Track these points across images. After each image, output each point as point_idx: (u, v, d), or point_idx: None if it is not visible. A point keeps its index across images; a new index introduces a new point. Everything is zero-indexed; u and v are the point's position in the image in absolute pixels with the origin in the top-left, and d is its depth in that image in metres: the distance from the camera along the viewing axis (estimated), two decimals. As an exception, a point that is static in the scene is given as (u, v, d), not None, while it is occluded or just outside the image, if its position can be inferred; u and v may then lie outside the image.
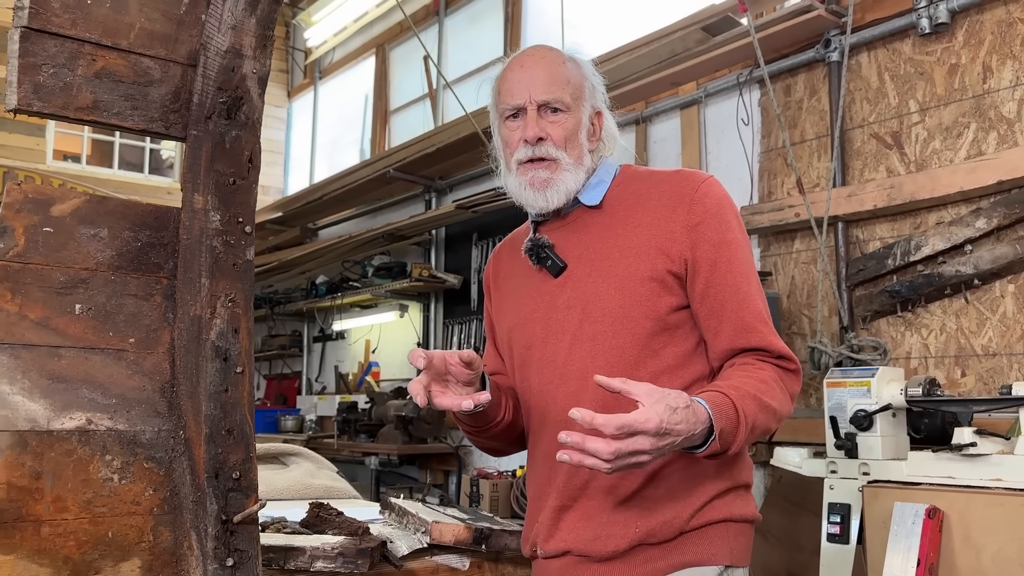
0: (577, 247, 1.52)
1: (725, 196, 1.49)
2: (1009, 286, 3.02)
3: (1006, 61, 3.09)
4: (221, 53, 1.32)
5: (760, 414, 1.32)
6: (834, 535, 2.64)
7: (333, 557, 1.39)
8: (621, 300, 1.43)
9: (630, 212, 1.50)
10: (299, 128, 8.64)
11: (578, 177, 1.51)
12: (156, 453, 1.24)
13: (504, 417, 1.55)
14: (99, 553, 1.18)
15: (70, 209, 1.25)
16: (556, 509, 1.46)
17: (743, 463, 1.50)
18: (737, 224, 1.48)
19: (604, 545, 1.40)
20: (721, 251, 1.43)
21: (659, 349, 1.43)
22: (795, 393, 1.45)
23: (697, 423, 1.23)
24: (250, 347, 1.30)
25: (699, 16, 3.79)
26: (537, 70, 1.51)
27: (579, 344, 1.45)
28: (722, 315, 1.42)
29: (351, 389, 6.71)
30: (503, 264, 1.70)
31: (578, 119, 1.52)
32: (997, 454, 2.33)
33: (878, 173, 3.44)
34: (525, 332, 1.55)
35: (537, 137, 1.48)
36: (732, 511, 1.44)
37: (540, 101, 1.49)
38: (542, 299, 1.53)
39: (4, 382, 1.17)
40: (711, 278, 1.42)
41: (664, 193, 1.48)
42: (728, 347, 1.43)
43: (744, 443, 1.32)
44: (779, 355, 1.43)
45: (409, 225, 5.70)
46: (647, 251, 1.44)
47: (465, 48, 6.23)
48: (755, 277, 1.47)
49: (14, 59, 1.22)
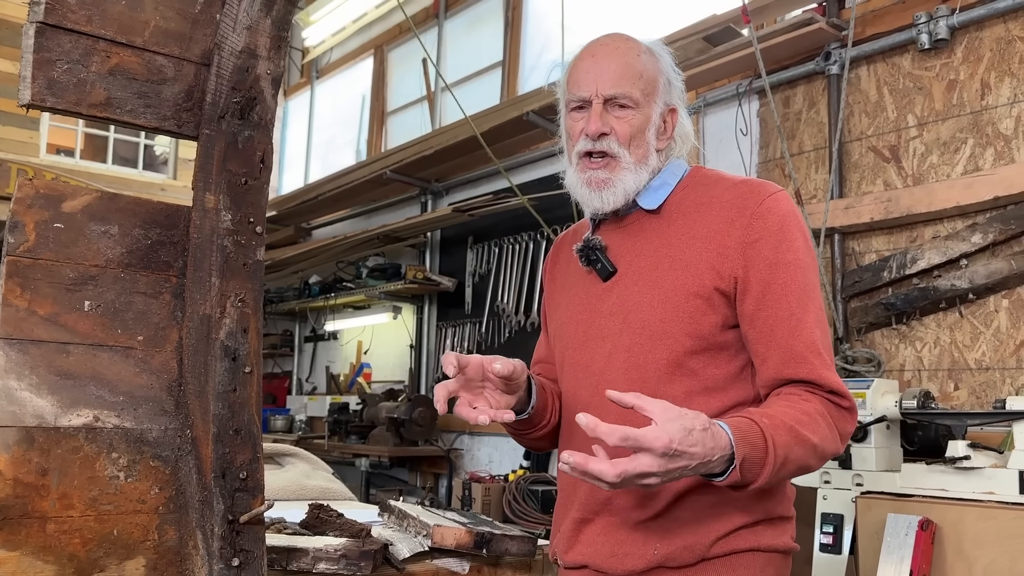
0: (630, 252, 1.44)
1: (791, 213, 1.38)
2: (1003, 301, 3.05)
3: (1004, 78, 3.12)
4: (236, 53, 1.32)
5: (796, 447, 1.21)
6: (827, 545, 2.65)
7: (336, 559, 1.39)
8: (662, 314, 1.35)
9: (688, 221, 1.41)
10: (294, 127, 8.62)
11: (639, 177, 1.42)
12: (162, 451, 1.24)
13: (550, 420, 1.49)
14: (104, 551, 1.18)
15: (81, 206, 1.25)
16: (577, 521, 1.42)
17: (782, 495, 1.40)
18: (803, 245, 1.36)
19: (620, 563, 1.35)
20: (777, 272, 1.32)
21: (698, 369, 1.35)
22: (846, 433, 1.31)
23: (716, 448, 1.13)
24: (259, 347, 1.30)
25: (700, 26, 3.81)
26: (608, 61, 1.42)
27: (616, 354, 1.39)
28: (771, 341, 1.31)
29: (342, 390, 6.70)
30: (561, 257, 1.62)
31: (647, 116, 1.43)
32: (990, 467, 2.35)
33: (875, 186, 3.47)
34: (569, 333, 1.49)
35: (599, 132, 1.40)
36: (761, 540, 1.35)
37: (607, 95, 1.41)
38: (589, 302, 1.47)
39: (12, 378, 1.16)
40: (762, 300, 1.32)
41: (726, 204, 1.38)
42: (774, 376, 1.32)
43: (775, 477, 1.20)
44: (831, 390, 1.30)
45: (404, 227, 5.70)
46: (697, 265, 1.35)
47: (464, 51, 6.24)
48: (815, 304, 1.34)
49: (28, 54, 1.21)
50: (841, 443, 1.30)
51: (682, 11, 4.33)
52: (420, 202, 6.09)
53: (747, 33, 3.59)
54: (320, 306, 6.71)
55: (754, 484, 1.19)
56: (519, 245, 5.21)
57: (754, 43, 3.32)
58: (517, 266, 5.20)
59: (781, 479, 1.25)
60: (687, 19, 4.02)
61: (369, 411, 5.62)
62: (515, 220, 5.11)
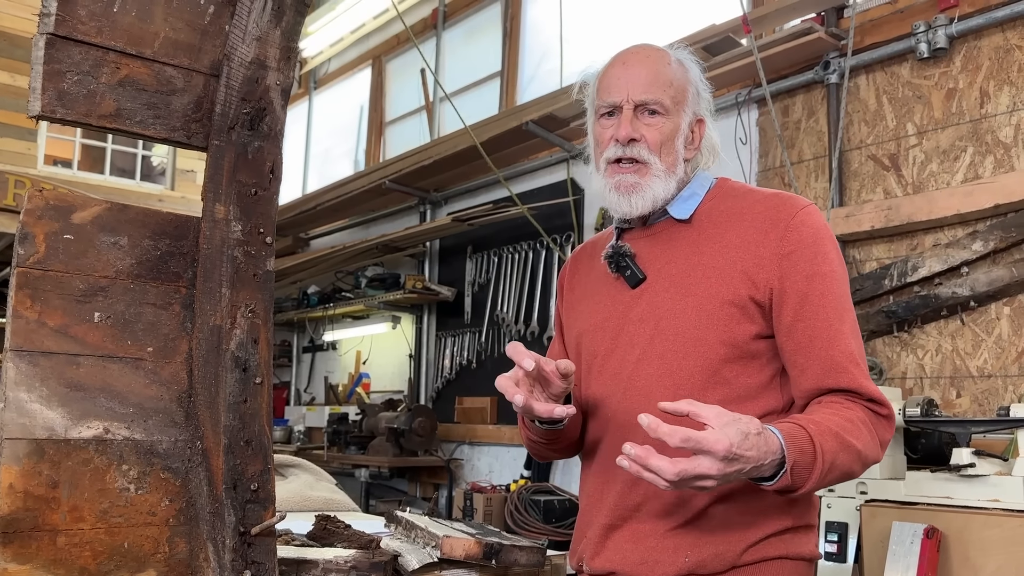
0: (659, 260, 1.44)
1: (824, 226, 1.39)
2: (1005, 308, 3.06)
3: (1003, 87, 3.14)
4: (245, 64, 1.32)
5: (841, 453, 1.22)
6: (831, 554, 2.65)
7: (347, 571, 1.38)
8: (697, 321, 1.35)
9: (720, 231, 1.41)
10: (292, 138, 8.63)
11: (668, 185, 1.42)
12: (173, 463, 1.23)
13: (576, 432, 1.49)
14: (115, 564, 1.17)
15: (91, 217, 1.25)
16: (605, 527, 1.40)
17: (808, 503, 1.41)
18: (836, 257, 1.38)
19: (651, 571, 1.34)
20: (814, 283, 1.33)
21: (731, 377, 1.35)
22: (886, 441, 1.33)
23: (768, 452, 1.15)
24: (269, 358, 1.29)
25: (700, 35, 3.83)
26: (639, 68, 1.43)
27: (647, 361, 1.38)
28: (810, 352, 1.32)
29: (340, 400, 6.68)
30: (581, 267, 1.62)
31: (676, 124, 1.43)
32: (995, 475, 2.35)
33: (875, 194, 3.48)
34: (594, 340, 1.48)
35: (629, 138, 1.40)
36: (789, 548, 1.35)
37: (638, 101, 1.41)
38: (616, 309, 1.46)
39: (22, 390, 1.16)
40: (800, 311, 1.33)
41: (758, 215, 1.39)
42: (815, 386, 1.32)
43: (821, 482, 1.22)
44: (870, 398, 1.31)
45: (403, 237, 5.70)
46: (731, 274, 1.36)
47: (463, 61, 6.26)
48: (850, 315, 1.36)
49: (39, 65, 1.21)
50: (881, 451, 1.31)
51: (682, 21, 4.35)
52: (419, 212, 6.09)
53: (746, 43, 3.61)
54: (319, 316, 6.70)
55: (802, 489, 1.21)
56: (518, 254, 5.21)
57: (754, 52, 3.34)
58: (517, 275, 5.20)
59: (826, 484, 1.26)
60: (687, 29, 4.04)
61: (368, 421, 5.61)
62: (514, 229, 5.11)
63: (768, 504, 1.33)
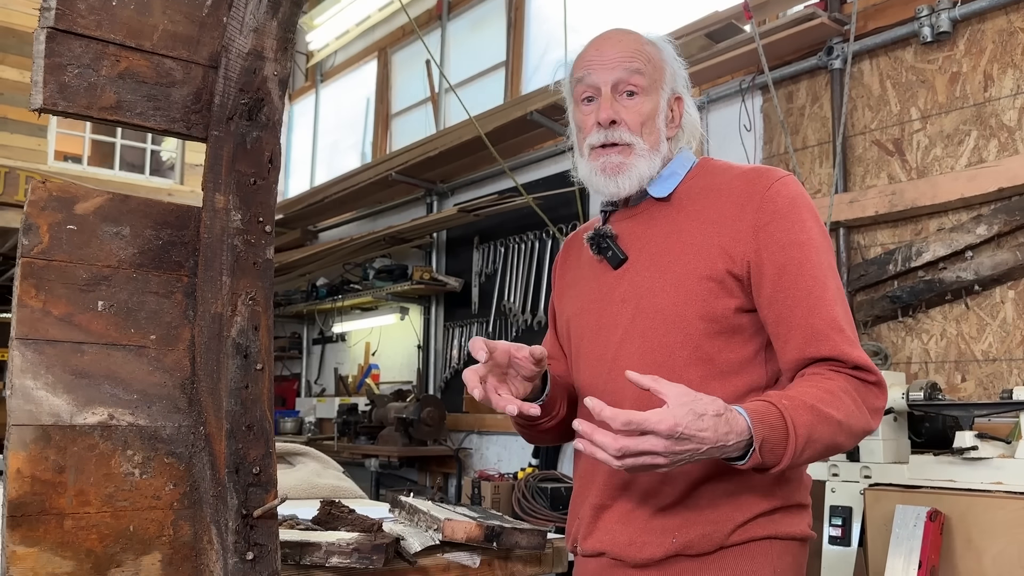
0: (640, 240, 1.44)
1: (800, 195, 1.37)
2: (1009, 292, 3.05)
3: (1007, 70, 3.13)
4: (243, 55, 1.34)
5: (819, 426, 1.19)
6: (835, 538, 2.66)
7: (348, 553, 1.41)
8: (676, 298, 1.35)
9: (698, 207, 1.41)
10: (299, 131, 8.66)
11: (653, 164, 1.43)
12: (176, 448, 1.25)
13: (559, 412, 1.49)
14: (120, 546, 1.19)
15: (93, 207, 1.27)
16: (595, 507, 1.41)
17: (799, 483, 1.40)
18: (814, 225, 1.36)
19: (639, 551, 1.34)
20: (791, 252, 1.31)
21: (713, 353, 1.34)
22: (876, 407, 1.30)
23: (730, 433, 1.14)
24: (270, 345, 1.31)
25: (703, 23, 3.82)
26: (612, 50, 1.44)
27: (629, 340, 1.39)
28: (791, 322, 1.30)
29: (350, 391, 6.72)
30: (571, 254, 1.63)
31: (655, 103, 1.44)
32: (998, 458, 2.36)
33: (880, 180, 3.47)
34: (580, 323, 1.49)
35: (610, 120, 1.41)
36: (779, 528, 1.34)
37: (615, 79, 1.42)
38: (600, 291, 1.47)
39: (28, 377, 1.18)
40: (779, 282, 1.31)
41: (735, 190, 1.39)
42: (797, 356, 1.30)
43: (800, 458, 1.20)
44: (855, 365, 1.28)
45: (410, 228, 5.72)
46: (708, 249, 1.35)
47: (467, 52, 6.26)
48: (833, 281, 1.34)
49: (40, 59, 1.23)
50: (872, 419, 1.29)
51: (684, 8, 4.34)
52: (426, 203, 6.11)
53: (749, 29, 3.60)
54: (328, 308, 6.74)
55: (778, 466, 1.19)
56: (525, 244, 5.23)
57: (756, 39, 3.33)
58: (523, 265, 5.21)
59: (809, 459, 1.24)
60: (689, 16, 4.04)
61: (378, 412, 5.64)
62: (521, 219, 5.13)
63: (755, 484, 1.32)
